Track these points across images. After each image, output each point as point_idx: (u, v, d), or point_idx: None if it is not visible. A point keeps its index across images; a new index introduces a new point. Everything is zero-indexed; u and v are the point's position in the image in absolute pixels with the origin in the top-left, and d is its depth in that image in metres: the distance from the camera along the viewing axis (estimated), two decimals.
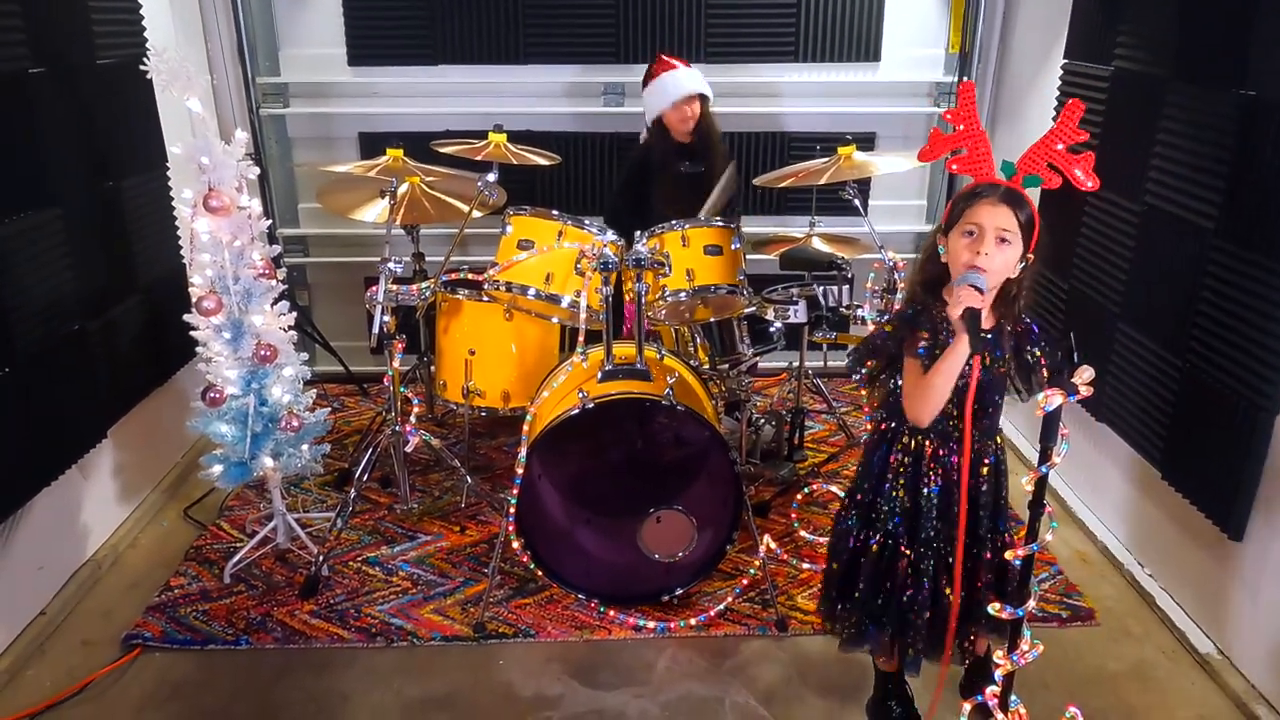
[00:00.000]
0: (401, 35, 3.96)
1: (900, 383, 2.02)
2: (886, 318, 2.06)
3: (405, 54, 3.99)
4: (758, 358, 3.21)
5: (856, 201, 2.90)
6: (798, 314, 2.86)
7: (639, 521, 2.74)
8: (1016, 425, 3.76)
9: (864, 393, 3.16)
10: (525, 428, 2.63)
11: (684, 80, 3.33)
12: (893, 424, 2.08)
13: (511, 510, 2.64)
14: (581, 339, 2.68)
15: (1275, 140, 2.30)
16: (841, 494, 3.14)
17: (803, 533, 3.08)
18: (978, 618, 2.09)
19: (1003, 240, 1.84)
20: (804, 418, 3.64)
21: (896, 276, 2.67)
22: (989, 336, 1.94)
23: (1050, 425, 1.82)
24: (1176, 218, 2.66)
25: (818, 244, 3.34)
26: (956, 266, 1.89)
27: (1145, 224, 2.82)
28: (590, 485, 2.97)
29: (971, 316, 1.78)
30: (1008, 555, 1.93)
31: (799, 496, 3.08)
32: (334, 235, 4.21)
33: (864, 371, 2.08)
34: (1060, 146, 1.90)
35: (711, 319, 3.07)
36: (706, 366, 3.16)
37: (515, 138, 3.42)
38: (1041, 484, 1.85)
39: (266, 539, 3.01)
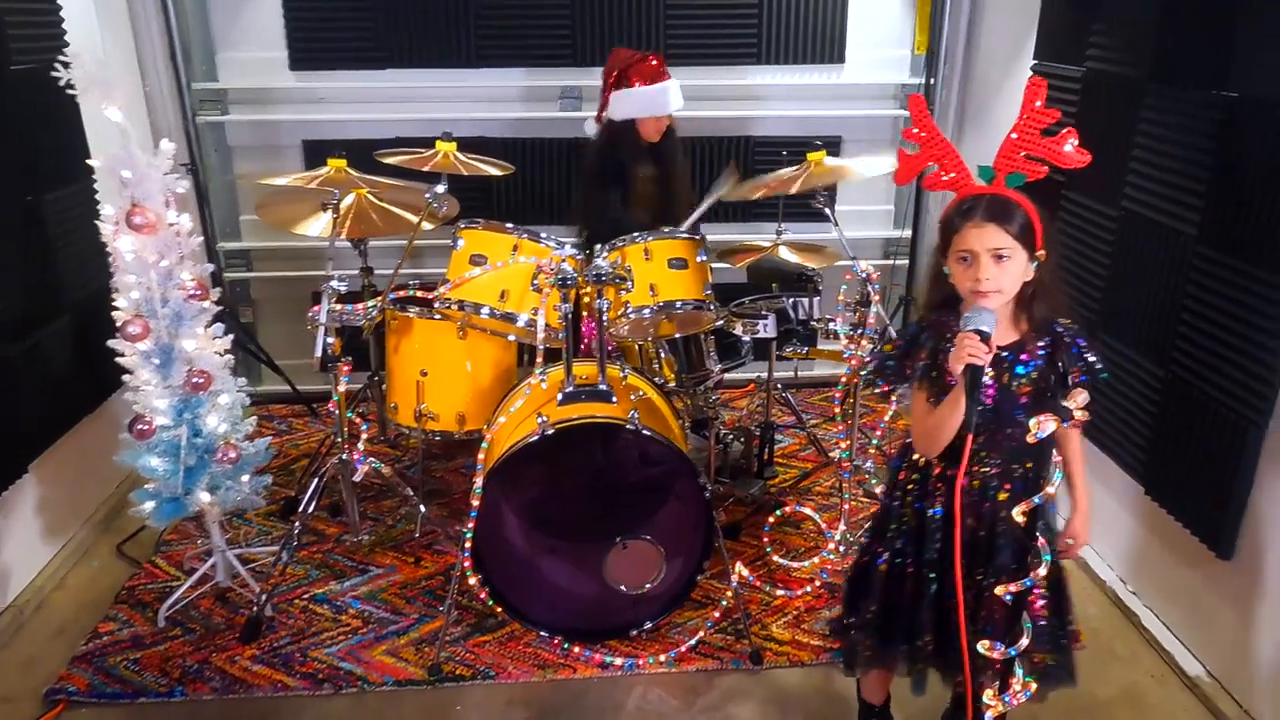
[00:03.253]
0: (346, 38, 3.77)
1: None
2: (894, 334, 1.91)
3: (351, 58, 3.80)
4: (726, 373, 3.07)
5: (828, 211, 2.77)
6: (767, 329, 2.73)
7: (605, 550, 2.59)
8: None
9: (878, 429, 3.05)
10: (481, 455, 2.46)
11: (677, 94, 3.22)
12: (908, 440, 1.95)
13: (467, 545, 2.47)
14: (540, 358, 2.52)
15: (1257, 143, 2.21)
16: (814, 514, 3.02)
17: (776, 558, 2.95)
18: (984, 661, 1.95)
19: (999, 258, 1.70)
20: (774, 432, 3.51)
21: (870, 288, 2.54)
22: (989, 401, 1.78)
23: (1043, 454, 1.71)
24: (1156, 223, 2.56)
25: (785, 253, 3.21)
26: (962, 290, 1.76)
27: (1123, 230, 2.73)
28: (554, 511, 2.81)
29: (971, 375, 1.62)
30: (997, 591, 1.82)
31: (770, 519, 2.95)
32: (279, 248, 4.00)
33: (877, 390, 1.97)
34: (1034, 134, 1.77)
35: (677, 334, 2.93)
36: (673, 384, 3.01)
37: (469, 145, 3.25)
38: (1034, 516, 1.74)
39: (205, 577, 2.82)
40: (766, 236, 3.52)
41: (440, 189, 2.69)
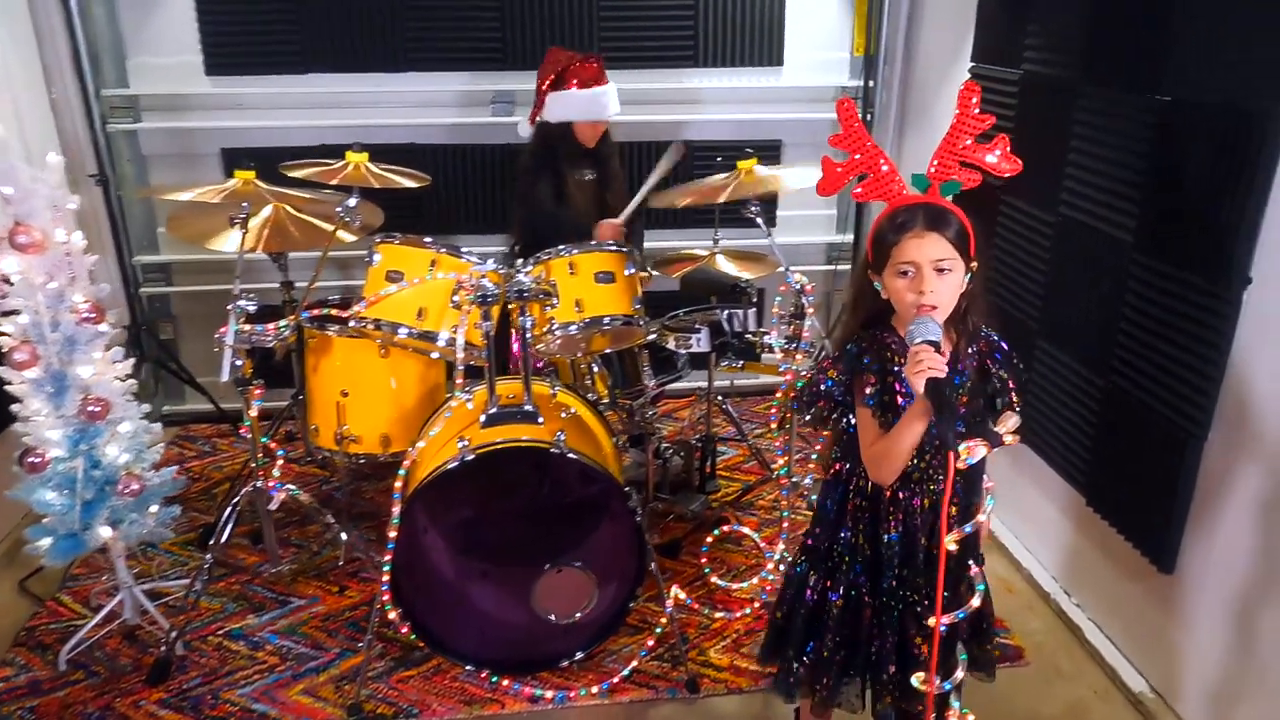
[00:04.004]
0: (265, 42, 3.61)
1: (852, 421, 1.80)
2: (830, 361, 1.81)
3: (270, 62, 3.63)
4: (663, 388, 2.97)
5: (760, 221, 2.68)
6: (700, 343, 2.63)
7: (535, 577, 2.48)
8: None
9: (818, 443, 2.96)
10: (399, 483, 2.33)
11: (615, 99, 3.13)
12: (847, 465, 1.86)
13: (385, 578, 2.34)
14: (460, 378, 2.40)
15: (1191, 148, 2.16)
16: (753, 532, 2.93)
17: (714, 579, 2.85)
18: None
19: (941, 270, 1.62)
20: (715, 445, 3.42)
21: (805, 300, 2.45)
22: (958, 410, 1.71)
23: (973, 480, 1.63)
24: (1093, 229, 2.51)
25: (722, 262, 3.12)
26: (902, 306, 1.67)
27: (1060, 235, 2.67)
28: (483, 536, 2.70)
29: (935, 390, 1.51)
30: (930, 622, 1.74)
31: (709, 538, 2.85)
32: (199, 261, 3.81)
33: (809, 417, 1.85)
34: (968, 141, 1.70)
35: (610, 349, 2.82)
36: (606, 400, 2.91)
37: (397, 152, 3.12)
38: (966, 544, 1.66)
39: (113, 614, 2.65)
40: (704, 244, 3.43)
41: (352, 202, 2.55)
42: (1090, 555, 2.67)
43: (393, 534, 2.30)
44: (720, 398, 3.50)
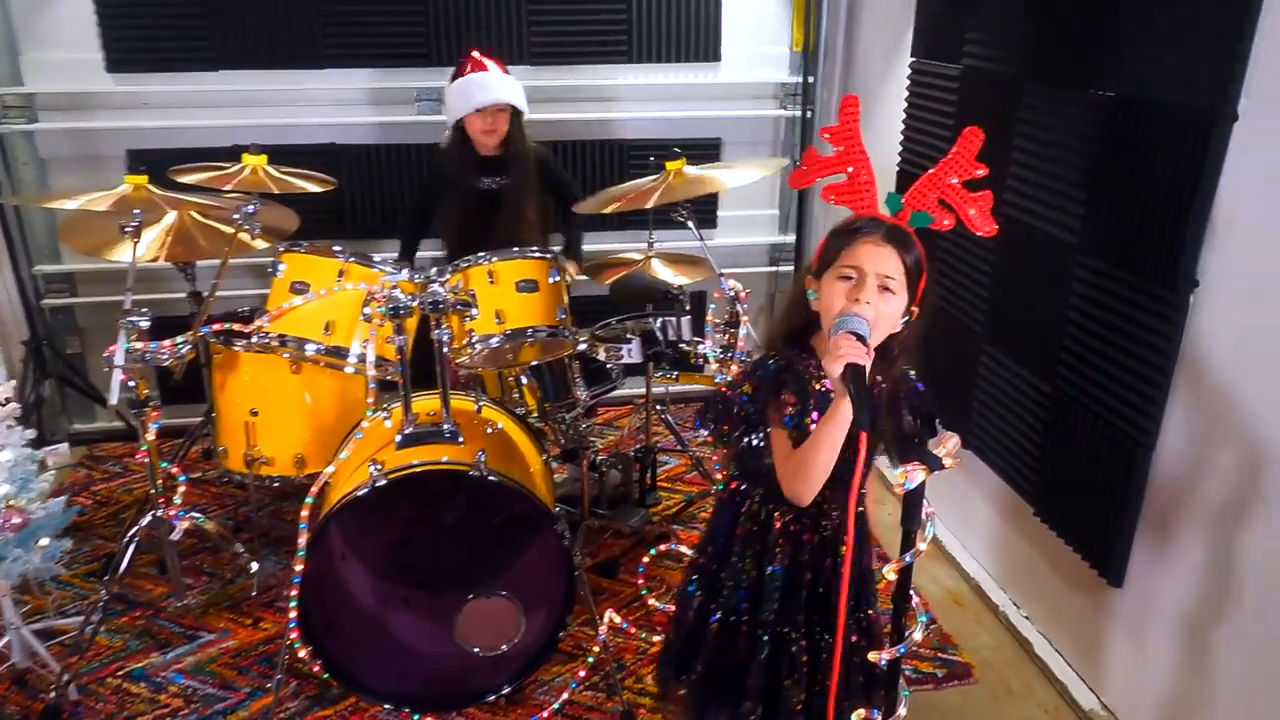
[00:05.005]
0: (171, 37, 3.38)
1: (756, 440, 1.68)
2: (744, 374, 1.69)
3: (178, 58, 3.41)
4: (596, 399, 2.83)
5: (691, 225, 2.55)
6: (631, 353, 2.49)
7: (459, 606, 2.33)
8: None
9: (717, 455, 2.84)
10: (305, 511, 2.16)
11: (494, 85, 2.91)
12: (743, 485, 1.75)
13: (293, 614, 2.17)
14: (371, 396, 2.23)
15: (1135, 147, 2.07)
16: (691, 550, 2.80)
17: (651, 600, 2.72)
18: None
19: (885, 289, 1.51)
20: (655, 456, 3.28)
21: (739, 308, 2.33)
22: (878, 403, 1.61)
23: (912, 506, 1.51)
24: (1037, 230, 2.42)
25: (657, 266, 2.98)
26: (829, 316, 1.53)
27: (1003, 236, 2.54)
28: (406, 559, 2.55)
29: (855, 376, 1.39)
30: (871, 657, 1.63)
31: (645, 559, 2.71)
32: (106, 270, 3.56)
33: (710, 431, 1.73)
34: (955, 181, 1.59)
35: (538, 361, 2.67)
36: (536, 414, 2.76)
37: (316, 152, 2.94)
38: (906, 576, 1.54)
39: (1, 657, 2.44)
40: (639, 246, 3.30)
41: (251, 208, 2.37)
42: (1039, 567, 2.59)
43: (299, 567, 2.13)
44: (659, 406, 3.38)
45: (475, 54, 3.01)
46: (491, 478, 2.15)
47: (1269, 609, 1.86)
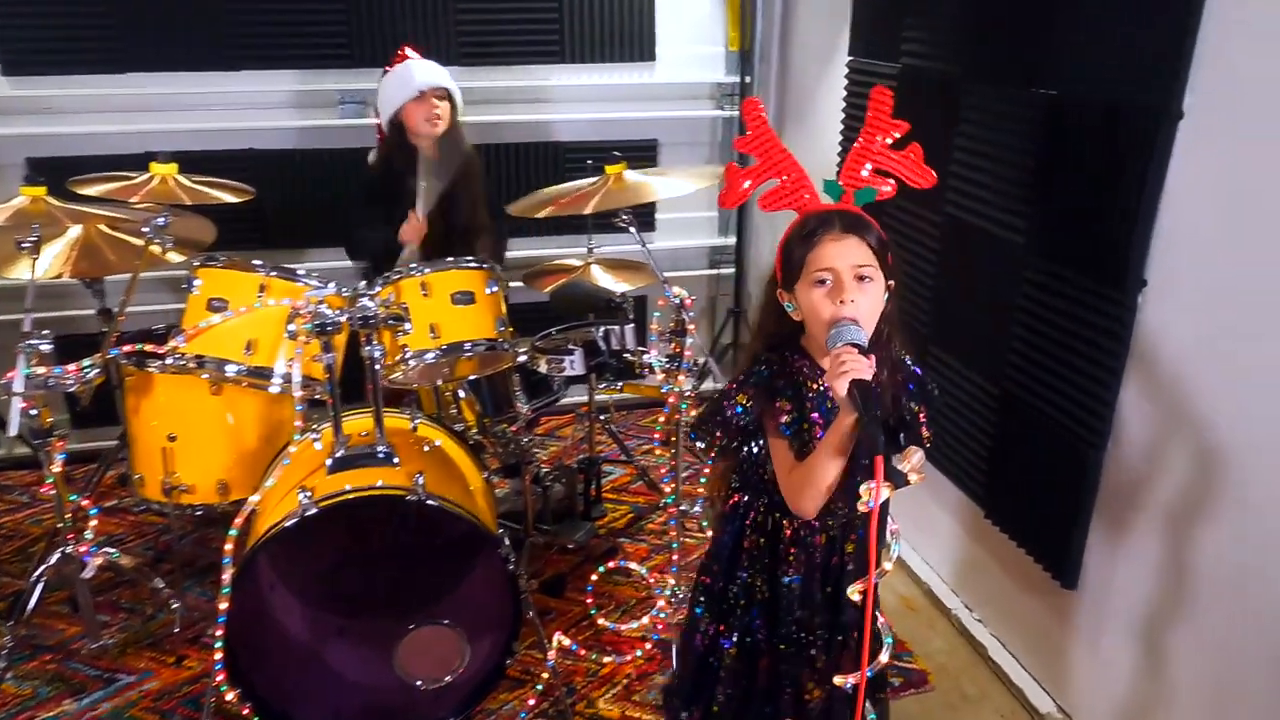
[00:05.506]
0: (75, 38, 3.18)
1: (755, 449, 1.62)
2: (738, 384, 1.60)
3: (81, 60, 3.20)
4: (538, 412, 2.73)
5: (634, 231, 2.46)
6: (574, 365, 2.39)
7: (400, 635, 2.21)
8: None
9: (708, 470, 2.77)
10: (229, 545, 2.02)
11: (435, 69, 2.80)
12: (745, 497, 1.67)
13: (219, 655, 2.02)
14: (299, 419, 2.10)
15: (1079, 145, 2.05)
16: (640, 567, 2.72)
17: (601, 620, 2.62)
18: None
19: (863, 278, 1.45)
20: (599, 467, 3.19)
21: (685, 316, 2.25)
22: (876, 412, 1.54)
23: (877, 524, 1.45)
24: (981, 230, 2.39)
25: (597, 273, 2.89)
26: (818, 324, 1.47)
27: (947, 236, 2.56)
28: (341, 586, 2.41)
29: (863, 394, 1.32)
30: (836, 680, 1.56)
31: (594, 576, 2.61)
32: (3, 288, 3.36)
33: (705, 444, 1.64)
34: (881, 142, 1.55)
35: (476, 375, 2.55)
36: (476, 429, 2.64)
37: (232, 159, 2.78)
38: (872, 595, 1.47)
39: None
40: (578, 251, 3.21)
41: (161, 220, 2.21)
42: (992, 570, 2.57)
43: (224, 605, 1.98)
44: (602, 416, 3.29)
45: (408, 49, 2.89)
46: (431, 502, 2.03)
47: (1225, 608, 1.85)
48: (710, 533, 2.87)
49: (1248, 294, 1.74)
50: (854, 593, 1.47)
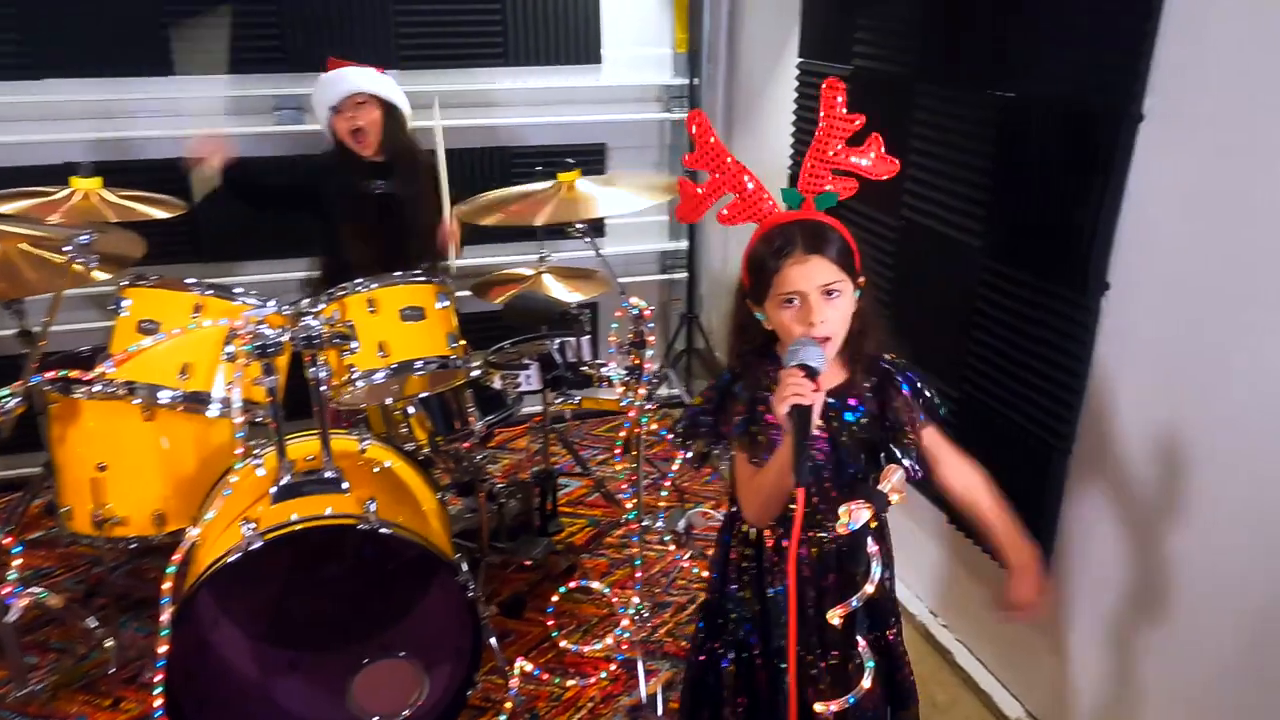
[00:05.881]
0: None
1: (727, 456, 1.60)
2: (705, 390, 1.61)
3: None
4: (493, 427, 2.63)
5: (590, 241, 2.39)
6: (530, 380, 2.32)
7: (354, 669, 2.11)
8: None
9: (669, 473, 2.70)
10: (167, 584, 1.90)
11: (347, 77, 2.71)
12: (733, 507, 1.64)
13: (158, 701, 1.90)
14: (239, 447, 1.98)
15: (1039, 148, 2.03)
16: (603, 587, 2.65)
17: (564, 643, 2.54)
18: None
19: (829, 294, 1.42)
20: (555, 480, 3.11)
21: (644, 327, 2.19)
22: (819, 456, 1.51)
23: (855, 547, 1.40)
24: (939, 234, 2.37)
25: (549, 283, 2.81)
26: (790, 339, 1.45)
27: (905, 240, 2.53)
28: (290, 619, 2.30)
29: (799, 420, 1.30)
30: (818, 708, 1.51)
31: (555, 597, 2.53)
32: None
33: (690, 454, 1.63)
34: (837, 145, 1.50)
35: (427, 392, 2.46)
36: (427, 448, 2.54)
37: (164, 168, 2.62)
38: (851, 620, 1.43)
39: None
40: (528, 258, 3.13)
41: (85, 238, 2.08)
42: (958, 576, 2.55)
43: (164, 648, 1.86)
44: (556, 427, 3.21)
45: (331, 61, 2.81)
46: (384, 530, 1.94)
47: (1194, 611, 1.84)
48: (672, 546, 2.85)
49: (1210, 295, 1.73)
50: (833, 616, 1.43)
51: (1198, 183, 1.73)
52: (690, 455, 1.61)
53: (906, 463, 1.46)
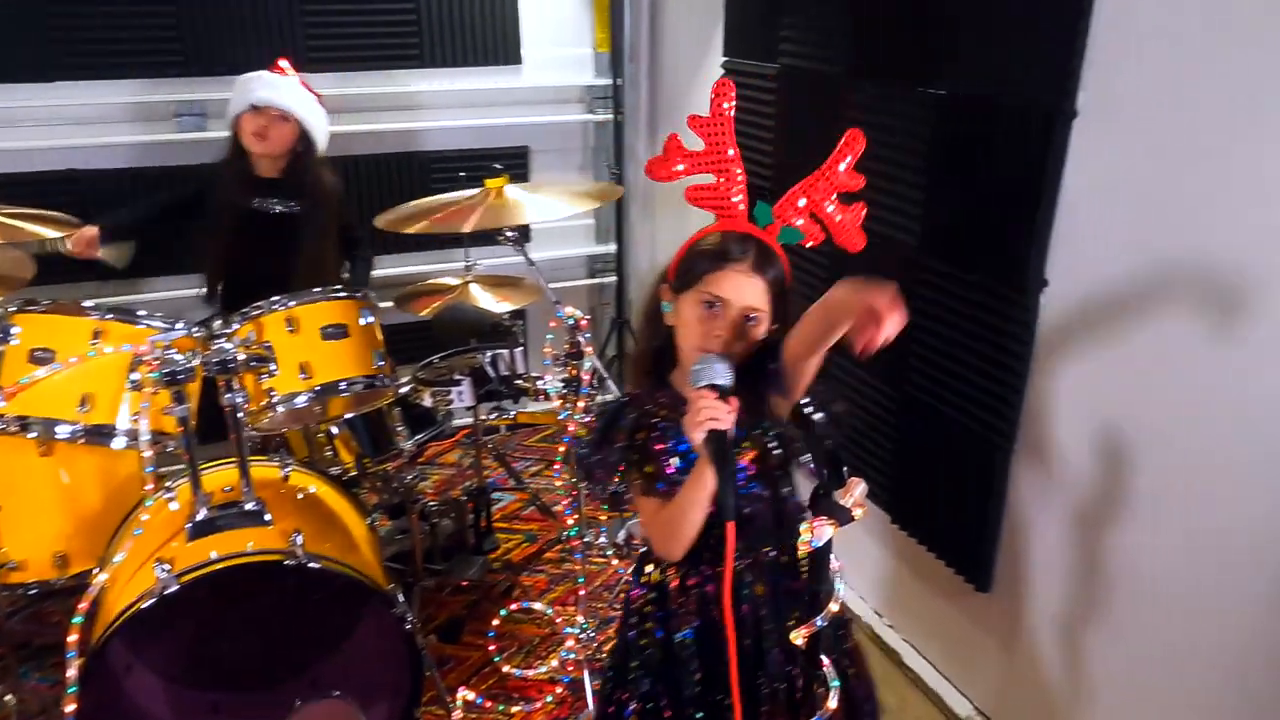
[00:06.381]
0: None
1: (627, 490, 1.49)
2: (591, 418, 1.49)
3: None
4: (422, 447, 2.52)
5: (521, 251, 2.30)
6: (462, 396, 2.21)
7: (284, 711, 1.98)
8: None
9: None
10: (73, 635, 1.74)
11: (280, 86, 2.55)
12: (642, 546, 1.57)
13: None
14: (149, 482, 1.84)
15: (974, 144, 2.02)
16: (546, 608, 2.56)
17: (506, 668, 2.45)
18: None
19: (750, 319, 1.38)
20: (489, 495, 3.01)
21: (580, 338, 2.11)
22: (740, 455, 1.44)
23: (819, 565, 1.35)
24: (872, 232, 2.33)
25: (477, 292, 2.71)
26: (688, 342, 1.40)
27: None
28: (211, 660, 2.15)
29: (717, 446, 1.24)
30: None
31: (495, 621, 2.43)
32: None
33: (598, 491, 1.50)
34: (833, 195, 1.46)
35: (352, 413, 2.33)
36: (353, 470, 2.42)
37: (53, 181, 2.43)
38: (815, 642, 1.37)
39: None
40: (454, 267, 3.01)
41: None
42: (902, 575, 2.54)
43: (70, 708, 1.71)
44: (489, 441, 3.11)
45: (282, 62, 2.66)
46: (313, 564, 1.82)
47: (1142, 606, 1.86)
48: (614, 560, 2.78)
49: (1147, 290, 1.74)
50: (797, 637, 1.37)
51: (1132, 177, 1.74)
52: (599, 495, 1.49)
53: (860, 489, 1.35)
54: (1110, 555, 1.91)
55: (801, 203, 1.48)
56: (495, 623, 2.40)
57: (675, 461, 1.43)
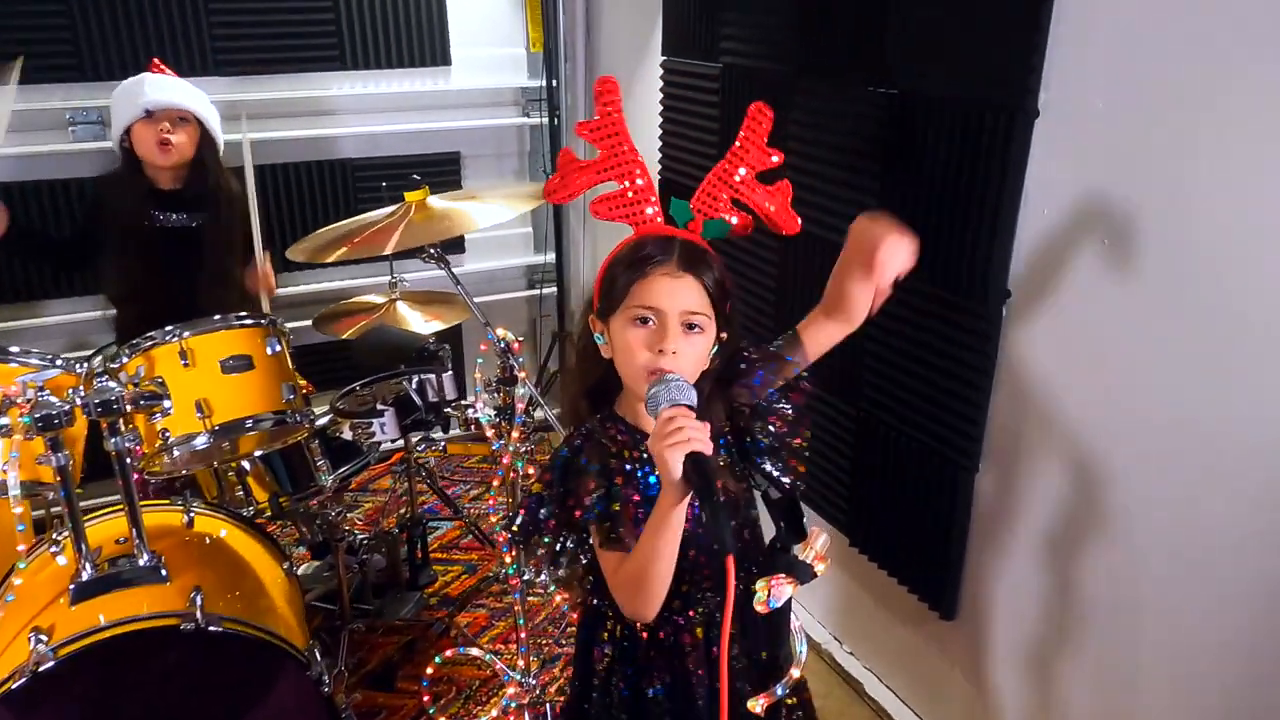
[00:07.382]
0: None
1: (579, 545, 1.32)
2: (540, 471, 1.31)
3: None
4: (345, 482, 2.33)
5: (445, 267, 2.12)
6: (385, 429, 2.02)
7: None
8: None
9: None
10: None
11: (172, 87, 2.36)
12: (594, 600, 1.38)
13: None
14: (23, 542, 1.62)
15: (929, 148, 1.90)
16: (486, 654, 2.37)
17: (443, 719, 2.26)
18: None
19: (692, 326, 1.22)
20: (424, 526, 2.82)
21: (513, 361, 1.93)
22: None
23: (777, 627, 1.20)
24: (824, 240, 2.21)
25: (404, 311, 2.52)
26: (632, 369, 1.23)
27: (788, 247, 2.37)
28: None
29: (699, 471, 1.08)
30: None
31: (430, 669, 2.24)
32: None
33: (539, 553, 1.32)
34: (743, 173, 1.30)
35: (264, 450, 2.12)
36: (269, 510, 2.21)
37: None
38: (775, 710, 1.22)
39: None
40: (378, 282, 2.82)
41: None
42: (863, 601, 2.41)
43: None
44: (421, 467, 2.92)
45: (156, 61, 2.46)
46: (214, 628, 1.62)
47: (1114, 632, 1.75)
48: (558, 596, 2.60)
49: (1116, 298, 1.62)
50: (755, 705, 1.22)
51: (1094, 181, 1.63)
52: (538, 557, 1.31)
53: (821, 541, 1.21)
54: (1081, 578, 1.80)
55: (724, 194, 1.33)
56: (429, 671, 2.21)
57: (634, 496, 1.26)
